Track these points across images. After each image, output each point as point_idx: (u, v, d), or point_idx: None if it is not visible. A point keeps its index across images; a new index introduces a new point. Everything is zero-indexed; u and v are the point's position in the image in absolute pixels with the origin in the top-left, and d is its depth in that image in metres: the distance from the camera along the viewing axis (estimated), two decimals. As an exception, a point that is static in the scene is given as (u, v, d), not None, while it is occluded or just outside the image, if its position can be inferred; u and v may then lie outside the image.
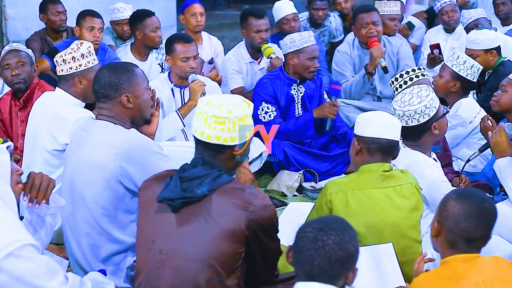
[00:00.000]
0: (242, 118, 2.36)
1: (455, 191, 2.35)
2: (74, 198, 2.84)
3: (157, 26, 5.24)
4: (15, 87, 4.22)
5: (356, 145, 2.83)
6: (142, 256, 2.41)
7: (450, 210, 2.22)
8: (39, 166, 3.47)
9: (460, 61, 4.16)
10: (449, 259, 2.23)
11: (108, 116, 2.87)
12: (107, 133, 2.81)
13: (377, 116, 2.83)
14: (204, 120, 2.35)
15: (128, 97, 2.85)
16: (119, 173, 2.74)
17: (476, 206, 2.21)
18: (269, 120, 4.61)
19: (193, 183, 2.33)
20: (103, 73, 2.89)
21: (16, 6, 6.60)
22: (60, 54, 3.56)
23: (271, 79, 4.71)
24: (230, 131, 2.35)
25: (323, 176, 4.59)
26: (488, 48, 4.65)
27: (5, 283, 2.09)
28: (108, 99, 2.86)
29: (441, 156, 3.79)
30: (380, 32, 5.14)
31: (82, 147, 2.85)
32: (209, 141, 2.36)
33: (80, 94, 3.58)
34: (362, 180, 2.79)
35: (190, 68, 4.25)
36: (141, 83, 2.91)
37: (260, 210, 2.33)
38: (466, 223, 2.19)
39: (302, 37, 4.61)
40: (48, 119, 3.51)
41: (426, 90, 3.15)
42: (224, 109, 2.35)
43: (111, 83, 2.85)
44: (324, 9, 6.38)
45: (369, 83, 5.13)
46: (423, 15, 7.20)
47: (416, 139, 3.16)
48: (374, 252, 2.64)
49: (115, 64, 3.03)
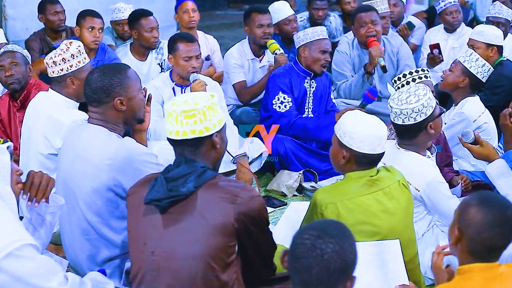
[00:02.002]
0: (210, 107, 2.38)
1: (476, 196, 2.20)
2: (68, 201, 2.81)
3: (152, 27, 5.23)
4: (10, 87, 4.22)
5: (345, 154, 2.73)
6: (136, 260, 2.42)
7: (472, 219, 2.12)
8: (35, 169, 3.44)
9: (472, 58, 4.15)
10: (467, 268, 2.15)
11: (100, 120, 2.83)
12: (100, 142, 2.77)
13: (370, 128, 2.69)
14: (175, 119, 2.37)
15: (121, 100, 2.81)
16: (112, 184, 2.72)
17: (499, 215, 2.11)
18: (285, 111, 4.60)
19: (178, 182, 2.34)
20: (94, 77, 2.83)
21: (16, 6, 6.61)
22: (50, 56, 3.52)
23: (287, 70, 4.73)
24: (202, 121, 2.37)
25: (323, 176, 4.59)
26: (490, 43, 4.66)
27: (5, 283, 2.09)
28: (100, 104, 2.82)
29: (441, 156, 3.78)
30: (379, 32, 5.14)
31: (74, 152, 2.83)
32: (185, 137, 2.37)
33: (73, 95, 3.55)
34: (350, 188, 2.72)
35: (192, 67, 4.25)
36: (133, 85, 2.87)
37: (248, 202, 2.33)
38: (490, 233, 2.10)
39: (315, 31, 4.68)
40: (42, 122, 3.49)
41: (423, 89, 3.14)
42: (190, 102, 2.38)
43: (103, 87, 2.79)
44: (324, 9, 6.39)
45: (369, 83, 5.13)
46: (423, 15, 7.21)
47: (412, 138, 3.15)
48: (380, 248, 2.62)
49: (106, 66, 2.98)
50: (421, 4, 8.20)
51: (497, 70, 4.64)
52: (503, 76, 4.27)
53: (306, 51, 4.67)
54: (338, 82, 5.32)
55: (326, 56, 4.67)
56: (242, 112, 5.13)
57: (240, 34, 5.47)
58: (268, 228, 2.47)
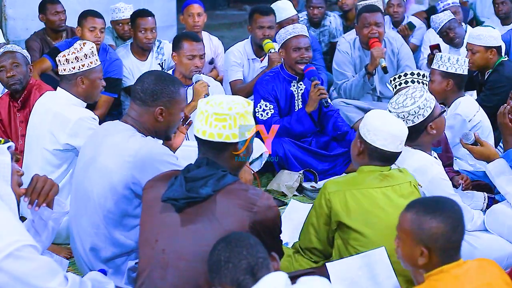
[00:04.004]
0: (242, 115, 2.37)
1: (415, 210, 2.21)
2: (80, 197, 2.84)
3: (146, 28, 5.24)
4: (11, 88, 4.21)
5: (359, 145, 2.82)
6: (145, 256, 2.41)
7: (436, 232, 2.13)
8: (39, 166, 3.47)
9: (444, 60, 4.14)
10: (434, 272, 2.16)
11: (134, 120, 2.85)
12: (123, 139, 2.78)
13: (388, 125, 2.76)
14: (206, 119, 2.36)
15: (163, 110, 2.83)
16: (130, 181, 2.73)
17: (452, 213, 2.17)
18: (267, 118, 4.60)
19: (197, 183, 2.33)
20: (150, 77, 2.85)
21: (16, 6, 6.61)
22: (63, 54, 3.56)
23: (271, 76, 4.72)
24: (231, 127, 2.35)
25: (322, 176, 4.58)
26: (489, 45, 4.65)
27: (5, 284, 2.09)
28: (143, 105, 2.83)
29: (442, 157, 3.79)
30: (382, 34, 5.13)
31: (97, 149, 2.84)
32: (211, 139, 2.36)
33: (82, 94, 3.57)
34: (360, 180, 2.78)
35: (195, 67, 4.26)
36: (180, 103, 2.89)
37: (264, 211, 2.33)
38: (457, 234, 2.16)
39: (286, 30, 4.65)
40: (49, 119, 3.51)
41: (420, 91, 3.14)
42: (224, 106, 2.36)
43: (154, 90, 2.81)
44: (319, 8, 6.37)
45: (370, 83, 5.13)
46: (423, 15, 7.21)
47: (414, 140, 3.15)
48: (366, 260, 2.62)
49: (165, 74, 2.98)
50: (421, 4, 8.20)
51: (497, 70, 4.65)
52: (503, 77, 4.26)
53: (283, 53, 4.66)
54: (338, 82, 5.32)
55: (301, 53, 4.57)
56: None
57: (240, 34, 5.48)
58: (279, 237, 2.47)
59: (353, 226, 2.70)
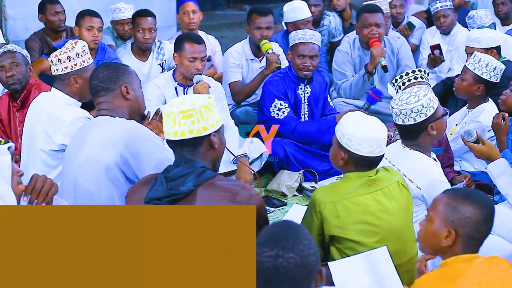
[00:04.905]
0: (207, 107, 2.41)
1: (453, 193, 2.26)
2: (79, 198, 2.84)
3: (144, 27, 5.24)
4: (10, 88, 4.21)
5: (343, 155, 2.73)
6: None
7: (469, 217, 2.19)
8: (37, 167, 3.46)
9: (482, 64, 4.07)
10: (450, 261, 2.22)
11: (108, 110, 2.95)
12: (108, 128, 2.85)
13: (370, 131, 2.69)
14: (173, 119, 2.39)
15: (127, 88, 2.97)
16: (120, 162, 2.76)
17: (487, 206, 2.22)
18: (284, 117, 4.58)
19: (177, 181, 2.37)
20: (100, 69, 3.02)
21: (16, 6, 6.61)
22: (55, 54, 3.55)
23: (280, 77, 4.71)
24: (200, 121, 2.39)
25: (323, 176, 4.58)
26: (488, 47, 4.63)
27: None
28: (108, 91, 2.96)
29: (443, 157, 3.79)
30: (382, 34, 5.14)
31: (83, 145, 2.87)
32: (183, 137, 2.39)
33: (76, 93, 3.57)
34: (349, 188, 2.72)
35: (196, 69, 4.26)
36: (136, 77, 3.07)
37: (247, 200, 2.35)
38: (486, 225, 2.22)
39: (296, 34, 4.64)
40: (43, 120, 3.50)
41: (424, 90, 3.13)
42: (187, 102, 2.40)
43: (110, 75, 2.97)
44: (316, 6, 6.35)
45: (369, 83, 5.13)
46: (423, 15, 7.20)
47: (414, 139, 3.14)
48: (369, 259, 2.61)
49: (108, 63, 3.15)
50: (421, 4, 8.19)
51: (497, 71, 4.64)
52: (504, 77, 4.24)
53: (290, 56, 4.68)
54: (338, 82, 5.32)
55: (304, 61, 4.55)
56: (242, 112, 5.13)
57: (240, 34, 5.48)
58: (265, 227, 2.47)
59: (348, 237, 2.68)
